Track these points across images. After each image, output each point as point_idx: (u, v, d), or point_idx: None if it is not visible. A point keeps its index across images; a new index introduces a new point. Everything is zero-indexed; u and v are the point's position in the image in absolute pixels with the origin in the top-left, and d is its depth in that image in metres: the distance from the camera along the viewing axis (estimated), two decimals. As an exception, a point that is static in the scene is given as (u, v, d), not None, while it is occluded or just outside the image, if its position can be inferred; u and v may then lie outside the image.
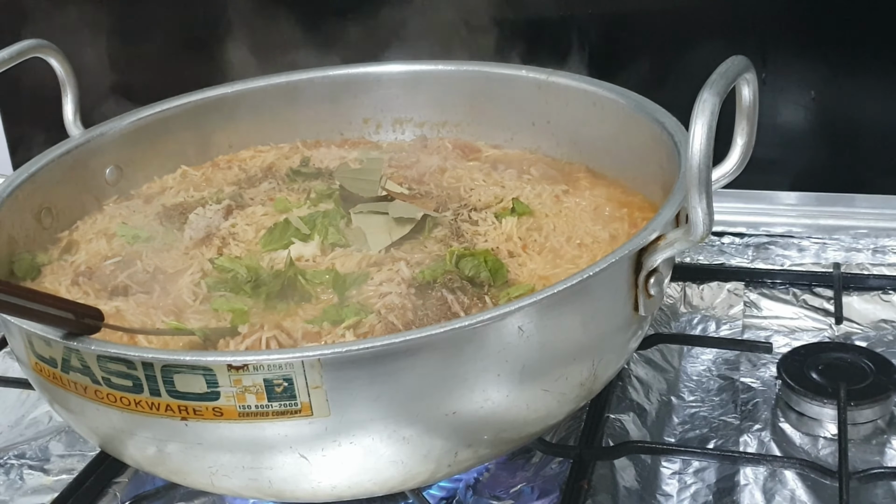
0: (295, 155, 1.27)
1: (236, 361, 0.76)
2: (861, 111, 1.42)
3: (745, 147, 0.95)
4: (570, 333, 0.84)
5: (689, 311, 1.28)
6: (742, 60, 0.87)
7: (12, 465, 1.10)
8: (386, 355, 0.77)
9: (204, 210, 1.11)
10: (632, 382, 1.12)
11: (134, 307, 0.96)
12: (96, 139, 1.19)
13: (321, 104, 1.31)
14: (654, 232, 0.85)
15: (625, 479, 1.00)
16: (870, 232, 1.38)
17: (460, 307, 0.91)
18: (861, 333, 1.20)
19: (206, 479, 0.84)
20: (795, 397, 1.06)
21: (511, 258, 0.99)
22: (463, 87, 1.27)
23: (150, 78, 1.58)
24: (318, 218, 1.06)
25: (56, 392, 0.87)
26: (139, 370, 0.78)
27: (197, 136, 1.27)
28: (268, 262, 1.01)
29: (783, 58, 1.40)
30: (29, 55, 1.15)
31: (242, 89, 1.29)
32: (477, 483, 1.00)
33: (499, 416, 0.83)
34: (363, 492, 0.86)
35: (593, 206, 1.08)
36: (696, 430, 1.07)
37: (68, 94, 1.21)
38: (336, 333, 0.88)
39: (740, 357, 1.17)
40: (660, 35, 1.45)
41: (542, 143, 1.23)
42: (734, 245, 1.39)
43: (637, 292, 0.87)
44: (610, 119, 1.14)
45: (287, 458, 0.80)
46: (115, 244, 1.09)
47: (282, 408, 0.77)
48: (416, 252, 1.01)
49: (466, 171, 1.19)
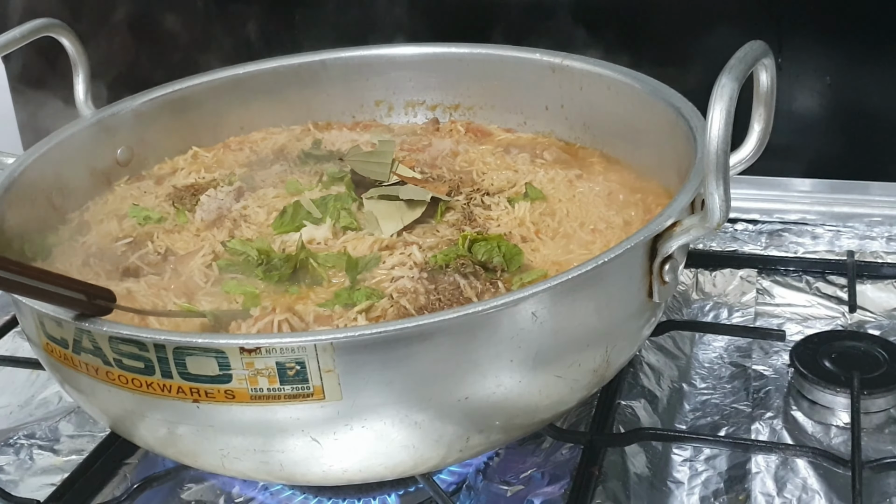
0: (306, 137, 1.27)
1: (249, 344, 0.76)
2: (877, 98, 1.41)
3: (763, 133, 0.95)
4: (583, 320, 0.83)
5: (702, 298, 1.27)
6: (760, 45, 0.86)
7: (22, 445, 1.10)
8: (399, 340, 0.76)
9: (215, 192, 1.11)
10: (643, 369, 1.12)
11: (145, 288, 0.96)
12: (107, 119, 1.18)
13: (333, 86, 1.30)
14: (669, 218, 0.84)
15: (635, 465, 0.99)
16: (884, 220, 1.37)
17: (473, 292, 0.90)
18: (875, 322, 1.19)
19: (216, 461, 0.84)
20: (808, 385, 1.05)
21: (524, 243, 0.99)
22: (476, 70, 1.26)
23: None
24: (330, 201, 1.06)
25: (67, 373, 0.86)
26: (151, 352, 0.78)
27: (208, 117, 1.27)
28: (279, 245, 1.01)
29: (799, 43, 1.39)
30: (40, 34, 1.15)
31: (254, 70, 1.28)
32: (487, 468, 1.00)
33: (511, 401, 0.82)
34: (374, 476, 0.86)
35: (607, 192, 1.08)
36: (707, 418, 1.07)
37: (80, 73, 1.20)
38: (348, 317, 0.88)
39: (752, 345, 1.17)
40: (675, 19, 1.44)
41: (556, 128, 1.22)
42: (747, 232, 1.38)
43: (651, 279, 0.87)
44: (624, 103, 1.13)
45: (298, 442, 0.80)
46: (126, 225, 1.09)
47: (294, 391, 0.77)
48: (428, 236, 1.00)
49: (479, 154, 1.18)
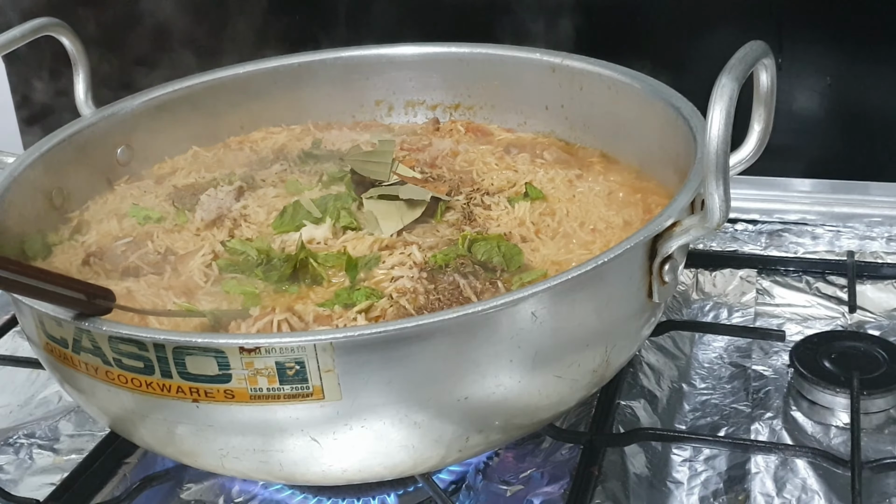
0: (307, 137, 1.27)
1: (248, 344, 0.76)
2: (877, 98, 1.41)
3: (763, 133, 0.95)
4: (583, 320, 0.83)
5: (702, 298, 1.27)
6: (760, 45, 0.86)
7: (22, 444, 1.10)
8: (398, 340, 0.76)
9: (215, 191, 1.11)
10: (643, 369, 1.12)
11: (145, 288, 0.96)
12: (108, 119, 1.18)
13: (333, 86, 1.30)
14: (669, 218, 0.84)
15: (635, 465, 0.99)
16: (884, 220, 1.37)
17: (473, 292, 0.90)
18: (874, 322, 1.19)
19: (216, 461, 0.84)
20: (808, 386, 1.05)
21: (524, 243, 0.99)
22: (476, 70, 1.26)
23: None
24: (330, 201, 1.06)
25: (67, 372, 0.86)
26: (151, 352, 0.78)
27: (208, 117, 1.26)
28: (279, 245, 1.01)
29: (799, 43, 1.39)
30: (40, 33, 1.14)
31: (254, 70, 1.28)
32: (486, 468, 1.00)
33: (510, 401, 0.82)
34: (373, 475, 0.86)
35: (607, 191, 1.08)
36: (707, 418, 1.07)
37: (80, 72, 1.20)
38: (348, 317, 0.88)
39: (752, 345, 1.17)
40: (675, 19, 1.44)
41: (556, 127, 1.22)
42: (747, 232, 1.38)
43: (651, 279, 0.87)
44: (624, 103, 1.13)
45: (298, 442, 0.80)
46: (126, 225, 1.09)
47: (293, 391, 0.77)
48: (428, 236, 1.00)
49: (479, 154, 1.18)
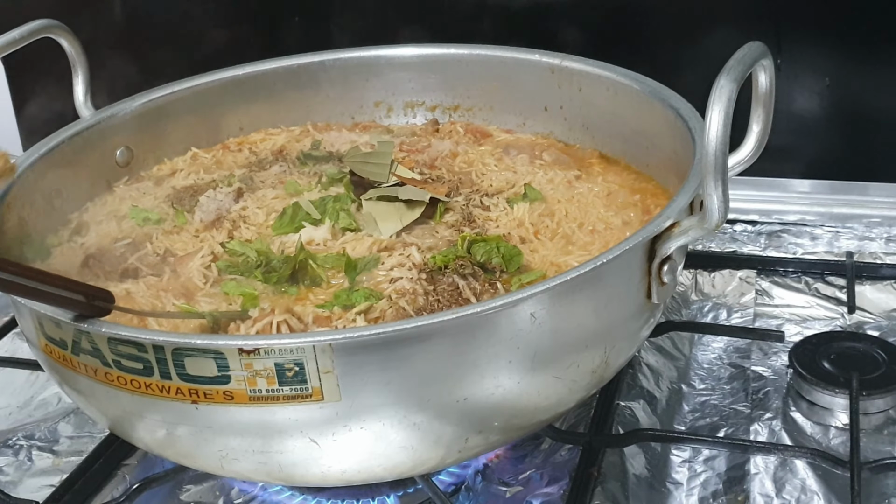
0: (306, 138, 1.27)
1: (247, 345, 0.76)
2: (876, 99, 1.41)
3: (761, 134, 0.95)
4: (582, 321, 0.83)
5: (701, 299, 1.27)
6: (759, 46, 0.86)
7: (21, 445, 1.10)
8: (397, 341, 0.76)
9: (214, 192, 1.11)
10: (642, 370, 1.12)
11: (144, 290, 0.96)
12: (107, 120, 1.18)
13: (332, 87, 1.30)
14: (668, 219, 0.84)
15: (635, 466, 0.99)
16: (883, 221, 1.37)
17: (472, 293, 0.90)
18: (873, 323, 1.19)
19: (215, 462, 0.84)
20: (807, 386, 1.05)
21: (523, 244, 0.99)
22: (475, 71, 1.26)
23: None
24: (329, 202, 1.06)
25: (66, 374, 0.87)
26: (150, 353, 0.78)
27: (207, 118, 1.27)
28: (278, 246, 1.01)
29: (798, 44, 1.39)
30: (40, 35, 1.14)
31: (253, 71, 1.28)
32: (486, 469, 1.00)
33: (510, 402, 0.82)
34: (373, 477, 0.86)
35: (606, 192, 1.08)
36: (706, 419, 1.07)
37: (79, 74, 1.20)
38: (347, 318, 0.88)
39: (751, 345, 1.17)
40: (674, 20, 1.44)
41: (555, 128, 1.22)
42: (746, 233, 1.38)
43: (650, 280, 0.87)
44: (623, 104, 1.13)
45: (297, 443, 0.80)
46: (126, 226, 1.09)
47: (293, 392, 0.77)
48: (427, 237, 1.00)
49: (478, 155, 1.18)
